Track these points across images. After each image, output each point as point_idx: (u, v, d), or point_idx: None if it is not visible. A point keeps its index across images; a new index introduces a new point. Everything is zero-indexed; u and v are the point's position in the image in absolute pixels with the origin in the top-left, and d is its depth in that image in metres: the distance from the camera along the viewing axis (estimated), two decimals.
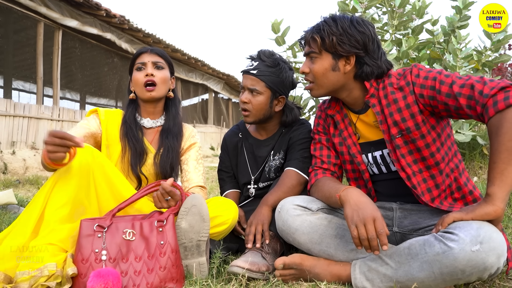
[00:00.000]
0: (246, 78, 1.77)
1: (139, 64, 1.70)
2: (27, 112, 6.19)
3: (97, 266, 1.21)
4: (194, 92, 12.93)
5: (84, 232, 1.25)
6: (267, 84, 1.74)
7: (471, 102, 1.20)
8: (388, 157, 1.41)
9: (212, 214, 1.52)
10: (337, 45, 1.33)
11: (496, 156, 1.11)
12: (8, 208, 2.68)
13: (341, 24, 1.34)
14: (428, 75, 1.30)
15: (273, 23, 3.15)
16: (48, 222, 1.26)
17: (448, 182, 1.35)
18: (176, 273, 1.27)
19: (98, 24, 7.43)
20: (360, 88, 1.42)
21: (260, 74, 1.73)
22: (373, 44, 1.36)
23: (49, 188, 1.32)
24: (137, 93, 1.73)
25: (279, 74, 1.75)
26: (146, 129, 1.77)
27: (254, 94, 1.75)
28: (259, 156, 1.87)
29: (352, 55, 1.35)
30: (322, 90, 1.42)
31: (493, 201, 1.10)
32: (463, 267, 1.06)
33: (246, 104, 1.76)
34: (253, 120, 1.79)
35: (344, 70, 1.37)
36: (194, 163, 1.77)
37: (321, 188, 1.44)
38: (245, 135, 1.95)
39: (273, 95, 1.76)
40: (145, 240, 1.29)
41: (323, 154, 1.55)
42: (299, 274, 1.34)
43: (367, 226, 1.15)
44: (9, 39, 8.50)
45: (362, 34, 1.34)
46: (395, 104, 1.34)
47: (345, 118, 1.49)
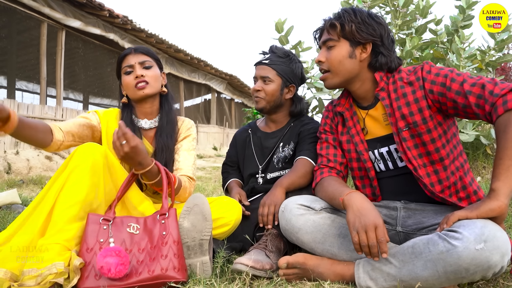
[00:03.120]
0: (259, 69, 1.89)
1: (127, 68, 1.66)
2: (30, 112, 6.21)
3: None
4: (197, 92, 12.95)
5: (90, 224, 1.29)
6: (278, 72, 1.86)
7: (480, 101, 1.22)
8: (395, 152, 1.43)
9: (215, 216, 1.52)
10: (355, 32, 1.38)
11: (502, 152, 1.12)
12: (12, 208, 2.69)
13: (360, 14, 1.41)
14: (440, 72, 1.33)
15: (277, 23, 3.15)
16: (56, 222, 1.25)
17: (453, 180, 1.35)
18: (178, 263, 1.26)
19: (101, 25, 7.45)
20: (371, 80, 1.45)
21: (272, 63, 1.87)
22: (387, 38, 1.42)
23: (59, 186, 1.30)
24: (130, 95, 1.69)
25: (290, 64, 1.89)
26: (146, 131, 1.73)
27: (266, 82, 1.86)
28: (266, 147, 1.94)
29: (369, 43, 1.40)
30: (338, 79, 1.44)
31: (498, 196, 1.10)
32: (467, 266, 1.06)
33: (258, 92, 1.87)
34: (264, 105, 1.88)
35: (360, 57, 1.41)
36: (185, 153, 1.72)
37: (326, 189, 1.44)
38: (254, 130, 2.04)
39: (284, 83, 1.88)
40: (148, 233, 1.31)
41: (330, 153, 1.56)
42: (302, 274, 1.34)
43: (368, 233, 1.16)
44: (12, 40, 8.54)
45: (379, 25, 1.40)
46: (404, 98, 1.37)
47: (354, 116, 1.51)
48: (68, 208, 1.27)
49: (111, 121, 1.70)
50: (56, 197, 1.29)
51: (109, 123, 1.68)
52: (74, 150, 1.38)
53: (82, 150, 1.35)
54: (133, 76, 1.64)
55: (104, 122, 1.67)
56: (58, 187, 1.31)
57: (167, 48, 9.35)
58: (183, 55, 10.07)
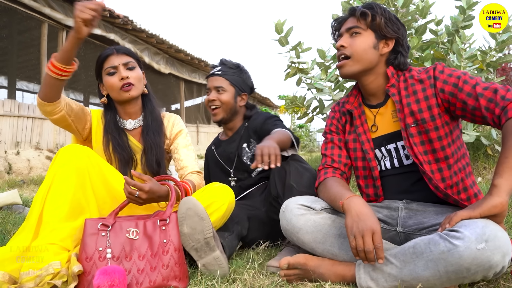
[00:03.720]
0: (212, 80, 2.03)
1: (110, 69, 1.64)
2: (31, 112, 6.23)
3: (101, 264, 1.22)
4: (197, 92, 12.96)
5: (88, 231, 1.26)
6: (231, 82, 2.01)
7: (490, 105, 1.24)
8: (402, 149, 1.44)
9: (207, 202, 1.51)
10: (383, 26, 1.43)
11: (509, 151, 1.14)
12: (13, 208, 2.69)
13: (388, 12, 1.47)
14: (453, 73, 1.36)
15: (276, 24, 3.16)
16: (48, 222, 1.26)
17: (455, 180, 1.36)
18: (179, 271, 1.27)
19: (101, 25, 7.46)
20: (384, 76, 1.48)
21: (224, 74, 2.02)
22: (405, 41, 1.48)
23: (46, 189, 1.32)
24: (114, 97, 1.68)
25: (240, 74, 2.06)
26: (130, 131, 1.73)
27: (220, 92, 2.00)
28: (230, 152, 2.06)
29: (392, 40, 1.45)
30: (357, 67, 1.46)
31: (499, 193, 1.11)
32: (468, 265, 1.06)
33: (214, 101, 1.99)
34: (222, 116, 2.01)
35: (381, 51, 1.45)
36: (184, 150, 1.75)
37: (328, 190, 1.44)
38: (216, 145, 2.18)
39: (237, 92, 2.03)
40: (148, 239, 1.30)
41: (334, 153, 1.57)
42: (303, 274, 1.34)
43: (365, 238, 1.16)
44: (13, 40, 8.55)
45: (402, 26, 1.47)
46: (414, 95, 1.40)
47: (362, 115, 1.52)
48: (58, 208, 1.28)
49: (96, 122, 1.71)
50: (44, 198, 1.31)
51: (97, 128, 1.70)
52: (57, 152, 1.40)
53: (64, 152, 1.39)
54: (117, 77, 1.63)
55: (95, 119, 1.70)
56: (45, 189, 1.32)
57: (167, 48, 9.36)
58: (183, 55, 10.08)
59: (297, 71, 3.44)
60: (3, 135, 5.65)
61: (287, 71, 3.49)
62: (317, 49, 3.40)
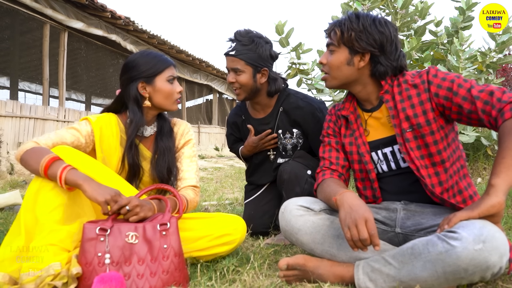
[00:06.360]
0: (228, 61, 1.94)
1: (171, 77, 1.64)
2: (33, 113, 6.24)
3: (101, 270, 1.21)
4: (199, 92, 12.97)
5: (87, 236, 1.24)
6: (246, 62, 1.90)
7: (487, 107, 1.24)
8: (398, 153, 1.44)
9: (222, 232, 1.50)
10: (354, 41, 1.39)
11: (505, 152, 1.14)
12: (15, 209, 2.71)
13: (363, 21, 1.39)
14: (446, 77, 1.35)
15: (277, 25, 3.16)
16: (44, 225, 1.24)
17: (451, 183, 1.37)
18: (180, 276, 1.27)
19: (103, 26, 7.48)
20: (374, 84, 1.46)
21: (238, 54, 1.90)
22: (391, 46, 1.40)
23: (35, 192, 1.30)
24: (162, 104, 1.63)
25: (256, 49, 1.90)
26: (144, 138, 1.69)
27: (238, 73, 1.92)
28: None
29: (367, 53, 1.40)
30: (336, 82, 1.47)
31: (496, 192, 1.11)
32: (466, 266, 1.07)
33: (233, 83, 1.95)
34: (244, 97, 1.97)
35: (358, 66, 1.42)
36: (187, 161, 1.70)
37: (325, 189, 1.45)
38: (246, 117, 2.15)
39: (255, 70, 1.92)
40: (148, 243, 1.28)
41: (332, 156, 1.58)
42: (302, 275, 1.34)
43: (359, 227, 1.17)
44: (15, 41, 8.58)
45: (381, 34, 1.38)
46: (409, 100, 1.39)
47: (358, 119, 1.53)
48: (52, 212, 1.26)
49: (106, 127, 1.60)
50: (35, 201, 1.29)
51: (102, 129, 1.58)
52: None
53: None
54: (176, 88, 1.65)
55: (97, 129, 1.57)
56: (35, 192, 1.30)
57: (169, 49, 9.37)
58: (185, 56, 10.10)
59: (298, 72, 3.46)
60: (5, 135, 5.67)
61: (287, 72, 3.50)
62: (318, 50, 3.40)
